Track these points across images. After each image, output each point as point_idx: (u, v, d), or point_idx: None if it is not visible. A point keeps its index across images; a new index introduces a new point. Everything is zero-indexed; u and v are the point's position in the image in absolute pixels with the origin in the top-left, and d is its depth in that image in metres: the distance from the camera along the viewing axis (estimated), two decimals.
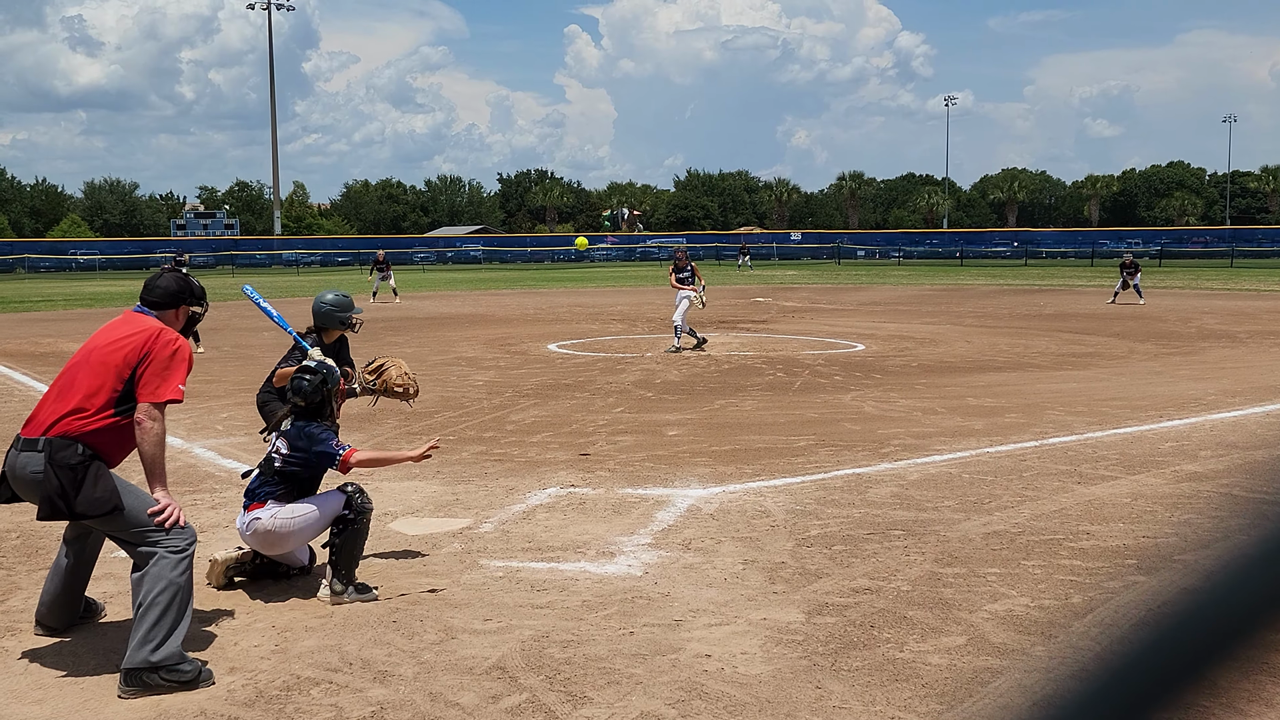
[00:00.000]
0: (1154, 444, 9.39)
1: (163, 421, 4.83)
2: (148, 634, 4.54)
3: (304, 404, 5.96)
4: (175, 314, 5.20)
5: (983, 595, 5.52)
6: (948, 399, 12.25)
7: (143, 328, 4.96)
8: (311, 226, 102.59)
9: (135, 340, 4.87)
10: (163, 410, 4.83)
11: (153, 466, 4.81)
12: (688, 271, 18.41)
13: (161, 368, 4.83)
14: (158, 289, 5.18)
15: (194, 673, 4.56)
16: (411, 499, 7.77)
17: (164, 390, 4.81)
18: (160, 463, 4.82)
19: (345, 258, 75.72)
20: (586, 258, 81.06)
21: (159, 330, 4.95)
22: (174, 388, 4.85)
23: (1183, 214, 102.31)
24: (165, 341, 4.90)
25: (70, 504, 4.66)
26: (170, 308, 5.18)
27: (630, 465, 8.80)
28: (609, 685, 4.47)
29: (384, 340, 20.09)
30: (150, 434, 4.77)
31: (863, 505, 7.39)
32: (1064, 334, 20.73)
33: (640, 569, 6.06)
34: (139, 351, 4.83)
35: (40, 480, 4.66)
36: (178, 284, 5.23)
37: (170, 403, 4.87)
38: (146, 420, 4.77)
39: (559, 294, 39.56)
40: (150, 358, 4.83)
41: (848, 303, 31.92)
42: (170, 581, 4.64)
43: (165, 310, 5.15)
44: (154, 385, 4.81)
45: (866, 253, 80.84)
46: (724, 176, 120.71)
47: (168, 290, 5.19)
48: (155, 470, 4.81)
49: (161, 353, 4.85)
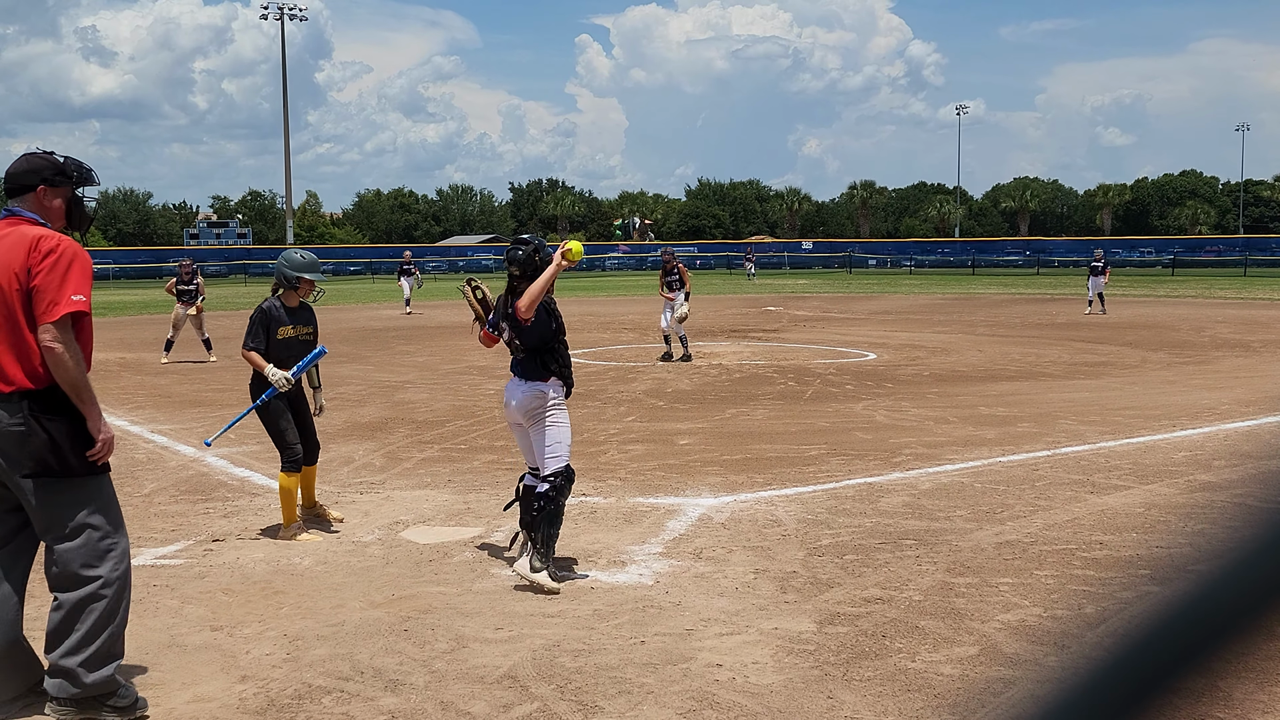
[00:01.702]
0: (1167, 454, 9.36)
1: (72, 338, 4.23)
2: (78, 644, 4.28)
3: (519, 272, 6.16)
4: (42, 196, 4.43)
5: (995, 605, 5.50)
6: (960, 408, 12.22)
7: (14, 239, 4.30)
8: (324, 236, 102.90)
9: (13, 255, 4.25)
10: (65, 326, 4.21)
11: (77, 391, 4.24)
12: (675, 275, 17.91)
13: (49, 278, 4.21)
14: (10, 172, 4.43)
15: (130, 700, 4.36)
16: (423, 507, 7.78)
17: (60, 303, 4.19)
18: (85, 385, 4.26)
19: (357, 267, 75.86)
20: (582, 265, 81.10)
21: (34, 237, 4.28)
22: (68, 299, 4.21)
23: (1196, 223, 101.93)
24: (44, 248, 4.24)
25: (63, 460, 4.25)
26: (28, 190, 4.41)
27: (641, 474, 8.79)
28: (620, 694, 4.47)
29: (395, 349, 20.15)
30: (62, 359, 4.19)
31: (874, 514, 7.38)
32: (1076, 343, 20.67)
33: (651, 578, 6.06)
34: (23, 265, 4.22)
35: (22, 434, 4.22)
36: (30, 161, 4.45)
37: (73, 318, 4.24)
38: (52, 344, 4.18)
39: (570, 303, 39.55)
40: (34, 270, 4.21)
41: (859, 312, 31.88)
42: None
43: (25, 195, 4.42)
44: (47, 299, 4.20)
45: (878, 262, 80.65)
46: (735, 185, 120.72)
47: (18, 170, 4.42)
48: (83, 395, 4.26)
49: (43, 261, 4.22)
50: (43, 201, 4.44)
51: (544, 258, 6.16)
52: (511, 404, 6.13)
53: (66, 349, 4.20)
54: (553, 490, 5.95)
